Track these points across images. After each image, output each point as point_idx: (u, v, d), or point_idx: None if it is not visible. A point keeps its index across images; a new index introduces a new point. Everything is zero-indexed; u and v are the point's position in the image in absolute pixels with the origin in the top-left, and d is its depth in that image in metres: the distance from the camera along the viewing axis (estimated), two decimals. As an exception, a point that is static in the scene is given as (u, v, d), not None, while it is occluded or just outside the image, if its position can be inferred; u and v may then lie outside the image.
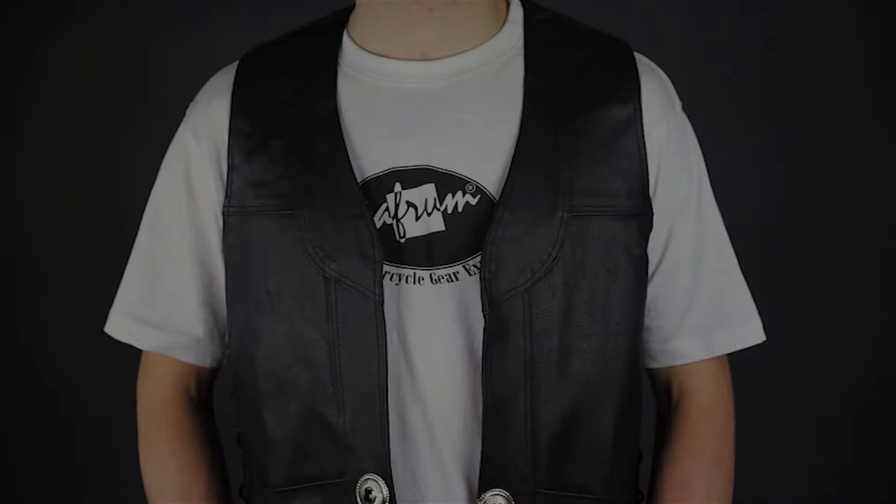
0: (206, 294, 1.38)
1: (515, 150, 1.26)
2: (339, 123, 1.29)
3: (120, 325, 1.40)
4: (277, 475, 1.30)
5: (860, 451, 2.69)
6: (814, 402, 2.68)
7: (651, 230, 1.31)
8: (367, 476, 1.24)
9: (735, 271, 1.38)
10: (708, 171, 1.39)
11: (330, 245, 1.25)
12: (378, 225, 1.27)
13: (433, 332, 1.27)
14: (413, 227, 1.27)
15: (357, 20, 1.35)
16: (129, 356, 1.47)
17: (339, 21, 1.38)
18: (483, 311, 1.23)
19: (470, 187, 1.27)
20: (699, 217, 1.35)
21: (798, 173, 2.62)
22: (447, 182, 1.27)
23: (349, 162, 1.27)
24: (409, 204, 1.27)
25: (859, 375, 2.67)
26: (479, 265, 1.24)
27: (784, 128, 2.61)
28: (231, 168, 1.32)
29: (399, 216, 1.27)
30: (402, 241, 1.27)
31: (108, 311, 1.41)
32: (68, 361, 2.76)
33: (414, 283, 1.27)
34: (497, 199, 1.26)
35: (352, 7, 1.37)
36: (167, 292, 1.38)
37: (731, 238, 1.39)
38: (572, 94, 1.30)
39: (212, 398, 1.48)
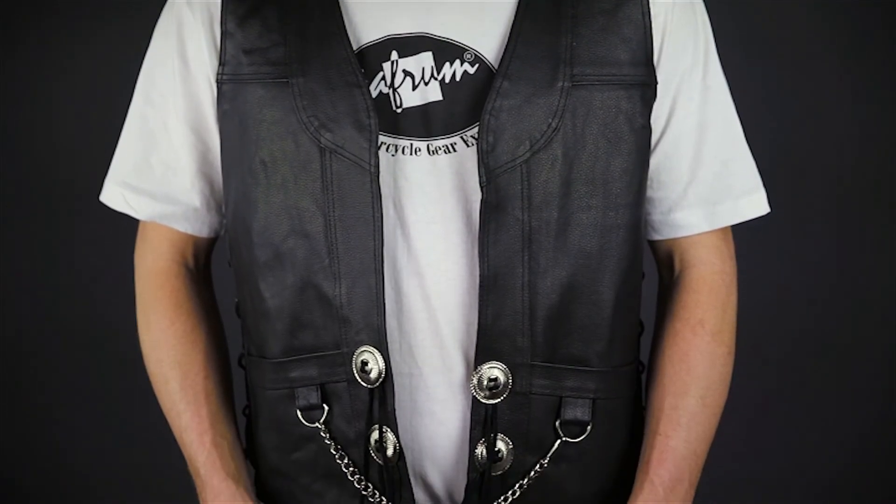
0: (202, 163, 1.36)
1: (515, 18, 1.23)
2: None
3: (115, 195, 1.38)
4: (275, 346, 1.30)
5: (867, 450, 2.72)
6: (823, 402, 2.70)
7: (654, 99, 1.28)
8: (363, 348, 1.24)
9: (740, 142, 1.35)
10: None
11: (325, 114, 1.23)
12: (374, 94, 1.24)
13: (430, 204, 1.25)
14: (410, 97, 1.25)
15: None
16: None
17: None
18: (480, 183, 1.21)
19: (468, 56, 1.24)
20: (705, 86, 1.32)
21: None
22: (445, 50, 1.24)
23: (344, 29, 1.24)
24: (406, 73, 1.25)
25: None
26: (476, 136, 1.22)
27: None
28: (224, 34, 1.28)
29: (395, 85, 1.25)
30: (399, 111, 1.25)
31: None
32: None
33: (411, 154, 1.25)
34: (496, 68, 1.23)
35: None
36: (162, 161, 1.36)
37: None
38: None
39: (209, 268, 1.47)
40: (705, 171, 1.33)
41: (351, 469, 1.29)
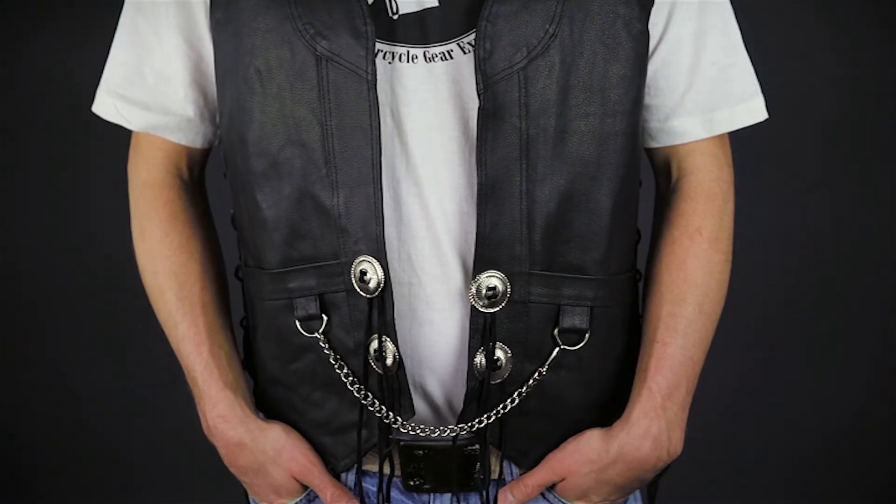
0: (195, 73, 1.35)
1: None
2: None
3: (107, 105, 1.37)
4: (272, 257, 1.30)
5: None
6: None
7: (653, 5, 1.26)
8: (361, 257, 1.24)
9: (739, 48, 1.34)
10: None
11: (320, 22, 1.21)
12: (370, 1, 1.22)
13: (427, 111, 1.24)
14: (406, 3, 1.23)
15: None
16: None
17: None
18: (478, 90, 1.20)
19: None
20: None
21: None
22: None
23: None
24: None
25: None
26: (473, 43, 1.20)
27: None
28: None
29: None
30: (395, 17, 1.23)
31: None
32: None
33: (407, 61, 1.23)
34: None
35: None
36: (155, 71, 1.34)
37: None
38: None
39: (204, 179, 1.46)
40: (703, 77, 1.32)
41: (350, 379, 1.29)
